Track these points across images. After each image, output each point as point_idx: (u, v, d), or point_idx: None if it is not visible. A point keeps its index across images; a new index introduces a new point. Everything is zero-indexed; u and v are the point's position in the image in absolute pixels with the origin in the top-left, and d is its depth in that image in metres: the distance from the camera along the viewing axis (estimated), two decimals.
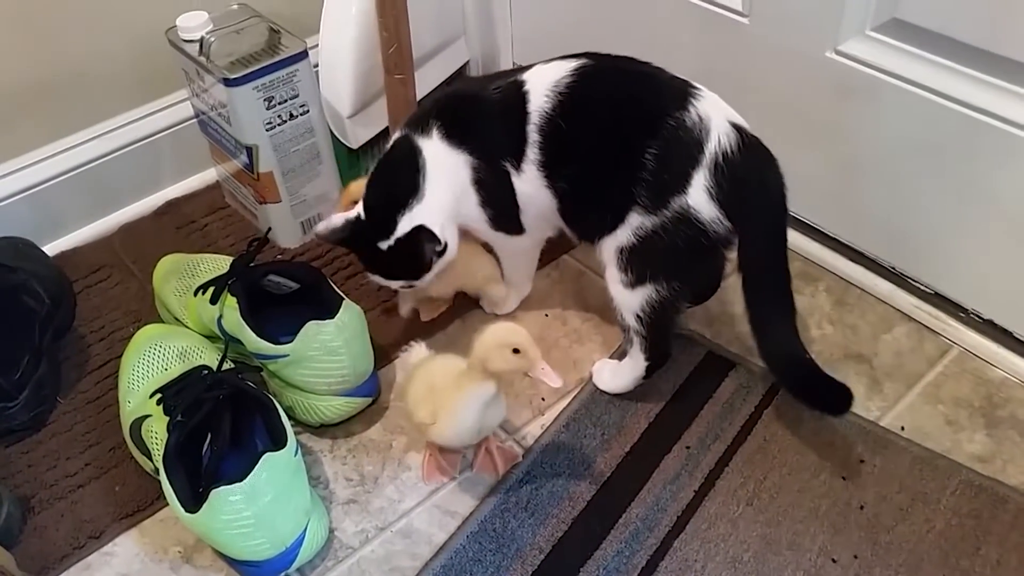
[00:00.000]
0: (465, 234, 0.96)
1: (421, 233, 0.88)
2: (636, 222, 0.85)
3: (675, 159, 0.82)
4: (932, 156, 0.94)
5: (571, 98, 0.86)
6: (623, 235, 0.86)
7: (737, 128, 0.83)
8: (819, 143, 1.03)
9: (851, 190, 1.04)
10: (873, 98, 0.96)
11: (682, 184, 0.82)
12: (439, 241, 0.89)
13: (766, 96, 1.01)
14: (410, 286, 0.95)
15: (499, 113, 0.90)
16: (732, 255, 0.87)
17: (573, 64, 0.87)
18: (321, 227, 0.91)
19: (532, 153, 0.88)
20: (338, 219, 0.90)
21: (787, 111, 1.01)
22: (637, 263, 0.87)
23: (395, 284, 0.95)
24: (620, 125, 0.85)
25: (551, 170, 0.88)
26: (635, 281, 0.87)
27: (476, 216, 0.94)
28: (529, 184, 0.90)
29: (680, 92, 0.84)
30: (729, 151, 0.82)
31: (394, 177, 0.91)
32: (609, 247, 0.88)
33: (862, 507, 0.85)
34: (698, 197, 0.82)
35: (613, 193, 0.85)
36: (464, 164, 0.90)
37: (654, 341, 0.92)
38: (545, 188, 0.89)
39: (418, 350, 0.94)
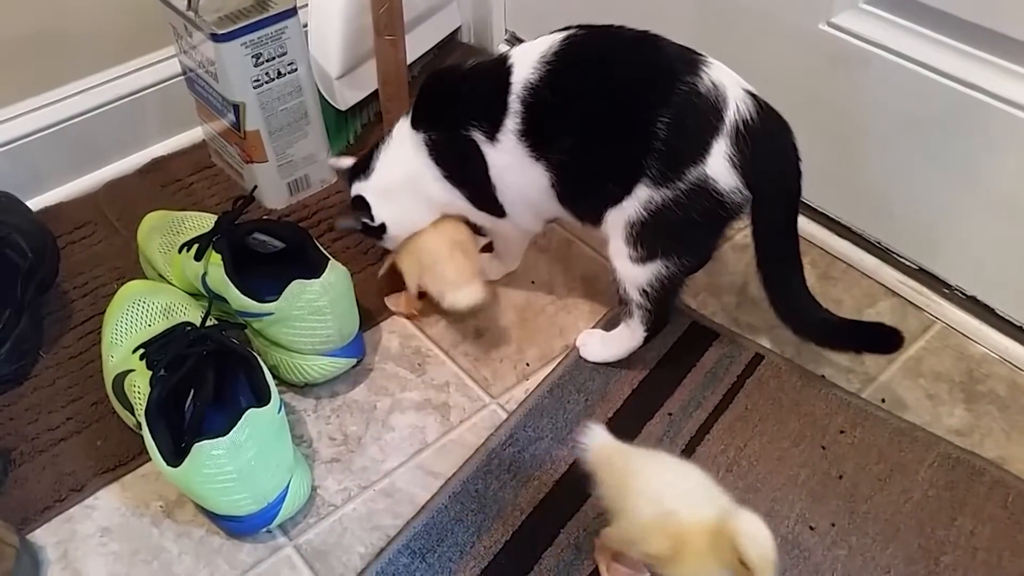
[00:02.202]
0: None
1: (356, 202, 0.96)
2: (646, 195, 0.82)
3: (691, 127, 0.80)
4: (923, 131, 0.95)
5: (563, 66, 0.83)
6: (631, 208, 0.83)
7: (752, 95, 0.81)
8: (810, 116, 1.02)
9: (840, 164, 1.05)
10: (865, 71, 0.96)
11: (700, 153, 0.80)
12: (370, 215, 0.95)
13: (758, 68, 1.00)
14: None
15: (471, 84, 0.88)
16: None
17: (561, 35, 0.85)
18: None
19: (512, 123, 0.84)
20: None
21: (779, 84, 1.00)
22: (648, 238, 0.84)
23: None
24: (625, 92, 0.82)
25: (540, 141, 0.85)
26: (645, 256, 0.86)
27: (442, 192, 0.92)
28: (509, 155, 0.86)
29: (688, 58, 0.82)
30: (749, 119, 0.80)
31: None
32: (616, 221, 0.86)
33: (841, 476, 0.86)
34: (718, 166, 0.80)
35: (619, 165, 0.83)
36: (421, 142, 0.90)
37: (657, 313, 0.91)
38: (534, 161, 0.86)
39: (599, 434, 0.76)
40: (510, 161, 0.87)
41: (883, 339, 0.90)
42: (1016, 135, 0.87)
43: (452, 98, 0.90)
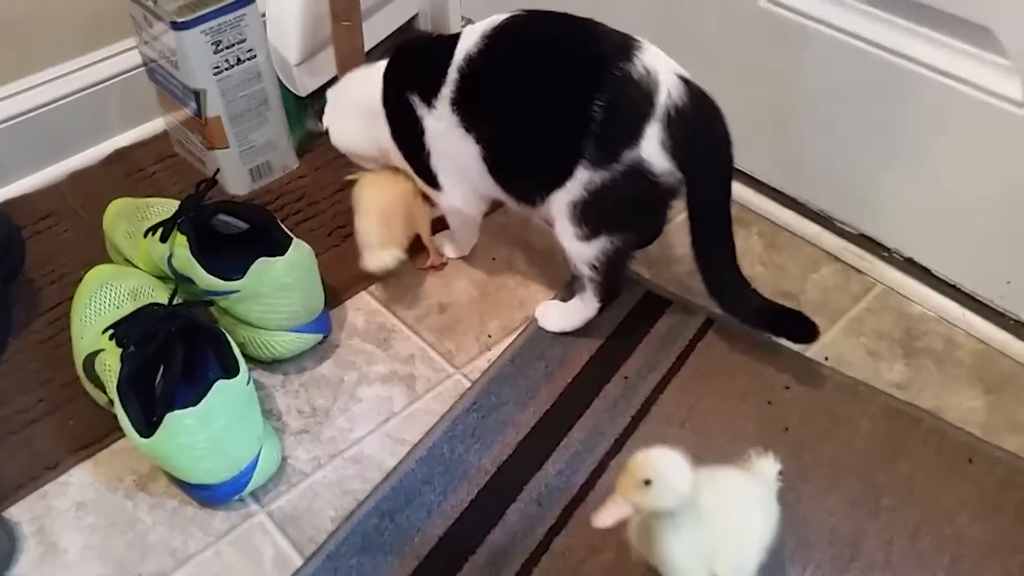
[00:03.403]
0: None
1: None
2: (586, 176, 0.86)
3: (625, 112, 0.83)
4: (856, 101, 1.00)
5: (500, 43, 0.88)
6: (574, 190, 0.87)
7: (684, 80, 0.85)
8: (752, 91, 1.07)
9: (782, 136, 1.10)
10: (802, 45, 1.01)
11: (634, 137, 0.83)
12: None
13: (699, 44, 1.05)
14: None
15: (423, 56, 0.96)
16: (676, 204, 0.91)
17: (506, 15, 0.89)
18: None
19: (447, 91, 0.90)
20: None
21: (720, 59, 1.05)
22: (591, 217, 0.88)
23: None
24: (560, 74, 0.86)
25: (471, 112, 0.89)
26: (590, 234, 0.90)
27: (393, 150, 1.00)
28: (443, 123, 0.92)
29: (622, 44, 0.85)
30: (680, 104, 0.83)
31: None
32: (560, 202, 0.90)
33: (787, 429, 0.91)
34: (651, 150, 0.84)
35: (557, 146, 0.87)
36: (377, 91, 0.98)
37: (608, 285, 0.96)
38: (465, 132, 0.90)
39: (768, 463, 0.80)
40: (443, 129, 0.92)
41: (800, 328, 0.93)
42: (943, 102, 0.92)
43: (405, 63, 0.97)
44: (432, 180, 0.99)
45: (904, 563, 0.81)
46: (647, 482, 0.64)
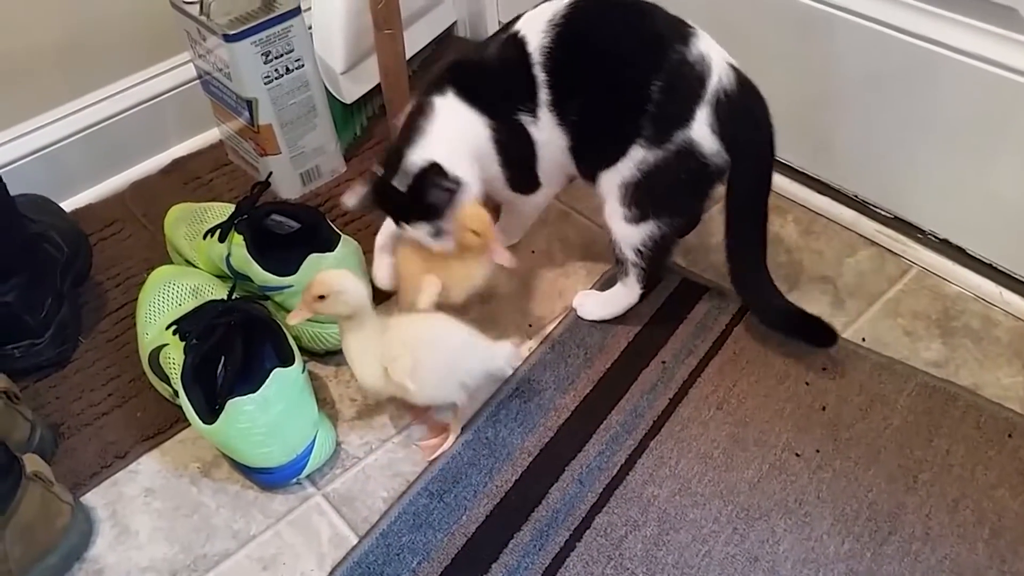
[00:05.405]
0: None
1: (431, 169, 0.88)
2: (639, 156, 0.89)
3: (680, 93, 0.87)
4: (886, 87, 1.01)
5: (570, 30, 0.89)
6: (626, 170, 0.90)
7: (733, 67, 0.88)
8: (784, 80, 1.08)
9: (815, 124, 1.11)
10: (830, 34, 1.03)
11: (686, 118, 0.87)
12: (449, 177, 0.88)
13: (732, 35, 1.07)
14: (437, 231, 0.91)
15: (502, 67, 0.92)
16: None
17: (565, 1, 0.90)
18: (347, 198, 0.93)
19: (544, 95, 0.90)
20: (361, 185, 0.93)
21: (752, 49, 1.07)
22: (641, 198, 0.91)
23: (418, 231, 0.91)
24: (625, 56, 0.89)
25: (562, 106, 0.91)
26: (639, 216, 0.92)
27: (496, 176, 0.96)
28: (546, 129, 0.92)
29: (679, 28, 0.88)
30: (728, 89, 0.87)
31: (406, 128, 0.92)
32: (610, 182, 0.92)
33: (824, 408, 0.93)
34: (701, 131, 0.87)
35: (617, 125, 0.89)
36: (482, 124, 0.91)
37: (652, 271, 0.98)
38: (558, 127, 0.92)
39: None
40: (547, 136, 0.93)
41: (818, 333, 0.95)
42: (971, 83, 0.93)
43: (496, 86, 0.92)
44: (533, 185, 0.99)
45: (943, 536, 0.82)
46: (321, 297, 0.85)
